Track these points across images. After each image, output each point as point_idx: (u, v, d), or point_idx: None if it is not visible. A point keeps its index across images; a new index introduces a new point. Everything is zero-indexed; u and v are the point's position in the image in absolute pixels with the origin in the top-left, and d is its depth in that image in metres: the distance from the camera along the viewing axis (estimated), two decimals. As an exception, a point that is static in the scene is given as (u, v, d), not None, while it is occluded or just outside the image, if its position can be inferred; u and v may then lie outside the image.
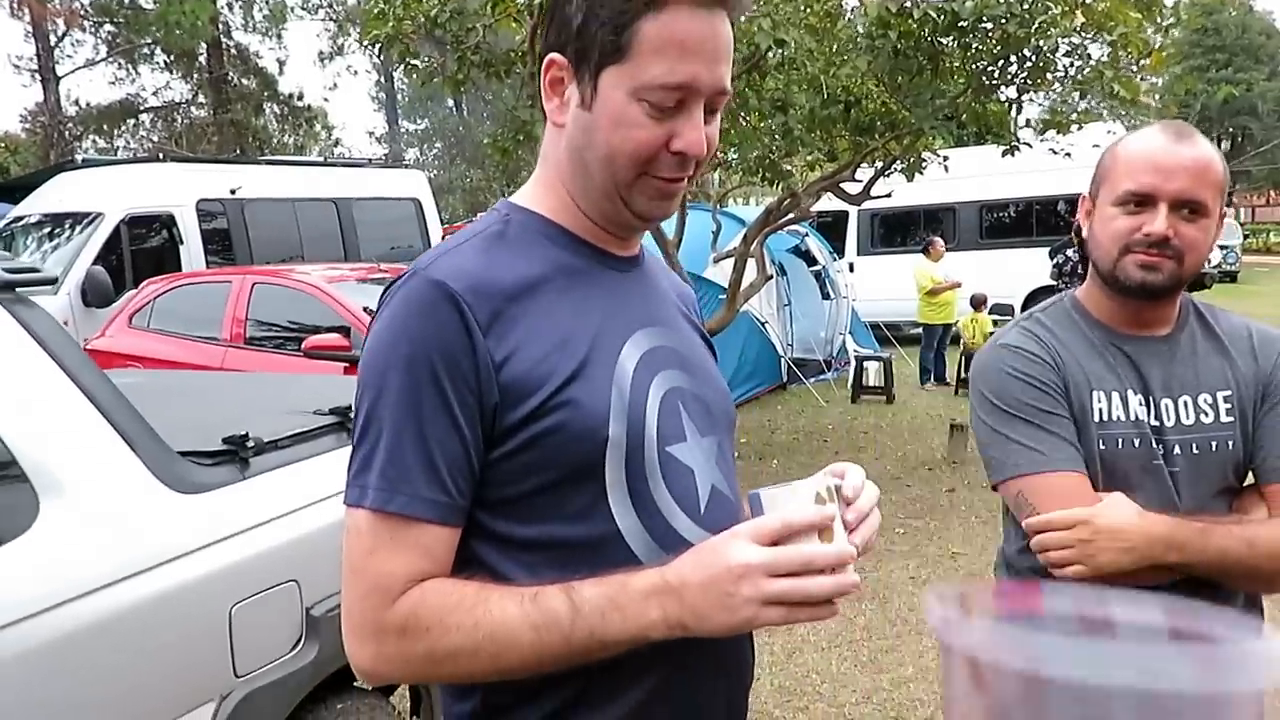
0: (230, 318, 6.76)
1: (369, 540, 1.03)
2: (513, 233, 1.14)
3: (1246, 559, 1.43)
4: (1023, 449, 1.52)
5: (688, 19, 1.04)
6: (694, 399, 1.19)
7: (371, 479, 1.03)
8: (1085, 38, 6.23)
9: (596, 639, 0.99)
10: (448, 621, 1.01)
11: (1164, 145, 1.49)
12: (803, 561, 0.95)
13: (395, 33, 6.70)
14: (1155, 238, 1.47)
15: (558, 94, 1.12)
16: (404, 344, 1.04)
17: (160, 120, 27.36)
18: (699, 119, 1.08)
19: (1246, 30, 42.24)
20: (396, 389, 1.03)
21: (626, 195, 1.11)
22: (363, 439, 1.05)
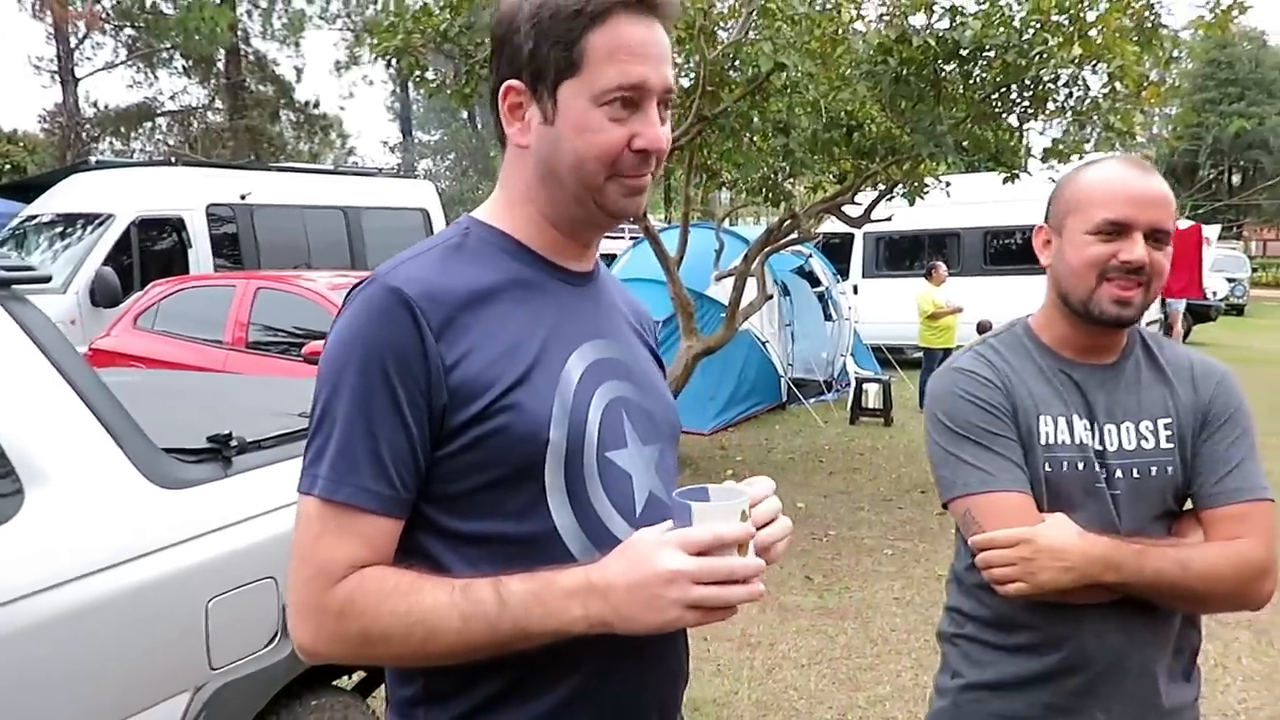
0: (233, 321, 6.85)
1: (316, 526, 1.10)
2: (471, 244, 1.22)
3: (1180, 580, 1.48)
4: (971, 469, 1.57)
5: (629, 26, 1.14)
6: (638, 409, 1.26)
7: (323, 469, 1.10)
8: (1083, 69, 6.29)
9: (520, 630, 1.06)
10: (382, 606, 1.08)
11: (1135, 177, 1.56)
12: (727, 573, 1.04)
13: (405, 45, 6.81)
14: (1134, 264, 1.53)
15: (518, 118, 1.20)
16: (359, 345, 1.11)
17: (176, 124, 27.59)
18: (655, 117, 1.17)
19: (1260, 65, 42.29)
20: (350, 387, 1.10)
21: (599, 197, 1.18)
22: (317, 431, 1.13)
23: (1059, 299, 1.63)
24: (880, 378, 10.66)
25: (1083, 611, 1.53)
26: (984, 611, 1.64)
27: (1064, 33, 5.87)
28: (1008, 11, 6.07)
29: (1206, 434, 1.59)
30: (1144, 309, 1.57)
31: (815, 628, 4.71)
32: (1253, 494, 1.54)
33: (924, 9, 6.31)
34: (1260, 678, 4.18)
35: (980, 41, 5.97)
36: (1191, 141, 42.09)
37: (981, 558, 1.54)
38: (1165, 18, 6.44)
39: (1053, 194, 1.68)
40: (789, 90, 6.25)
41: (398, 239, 12.17)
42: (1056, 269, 1.63)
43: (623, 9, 1.14)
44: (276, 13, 27.11)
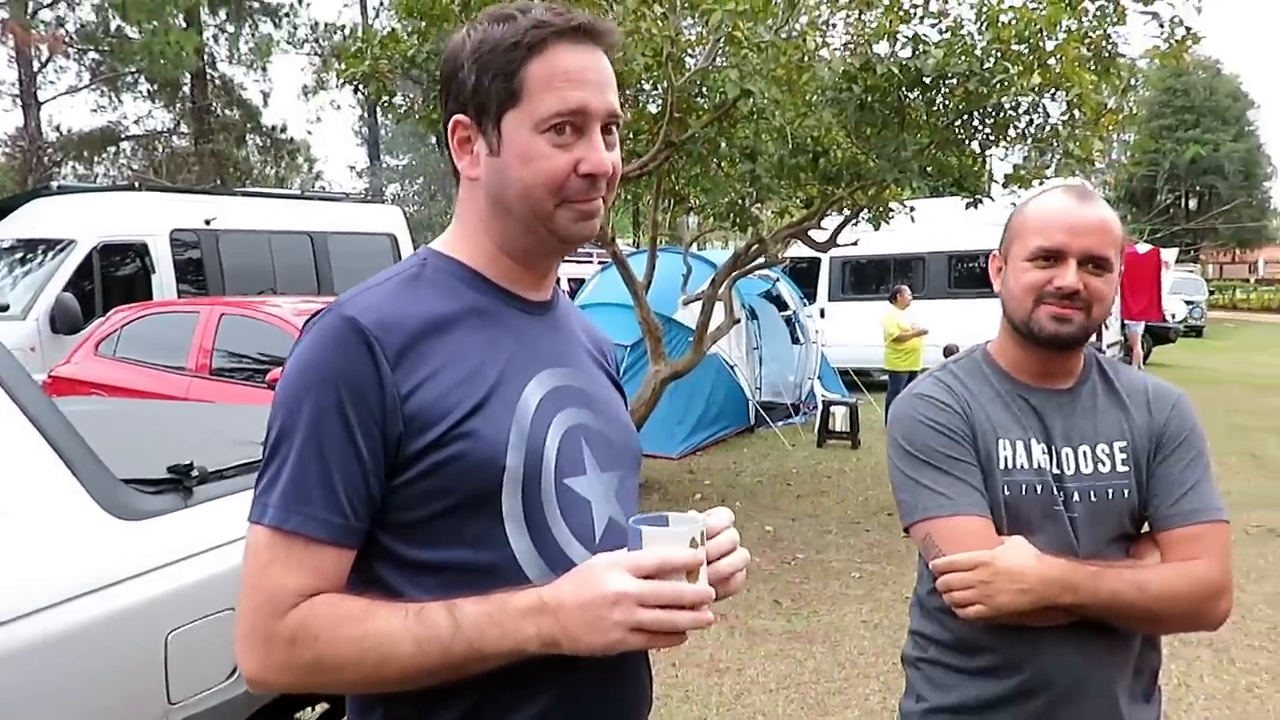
0: (197, 348, 6.78)
1: (266, 555, 1.10)
2: (429, 275, 1.23)
3: (1137, 601, 1.51)
4: (931, 493, 1.59)
5: (567, 54, 1.17)
6: (597, 435, 1.27)
7: (273, 498, 1.10)
8: (1043, 97, 6.40)
9: (475, 652, 1.07)
10: (336, 633, 1.07)
11: (1071, 206, 1.60)
12: (672, 597, 1.05)
13: (372, 71, 6.80)
14: (1067, 290, 1.56)
15: (467, 151, 1.22)
16: (314, 374, 1.11)
17: (141, 148, 27.35)
18: (598, 142, 1.18)
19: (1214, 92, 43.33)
20: (304, 416, 1.10)
21: (550, 223, 1.19)
22: (270, 460, 1.13)
23: (1008, 323, 1.67)
24: (847, 400, 10.73)
25: (1041, 634, 1.54)
26: (946, 635, 1.65)
27: (1024, 61, 5.98)
28: (969, 41, 6.17)
29: (1161, 457, 1.62)
30: (1087, 330, 1.60)
31: (784, 652, 4.70)
32: (1208, 515, 1.57)
33: (888, 38, 6.40)
34: (1222, 696, 4.22)
35: (942, 70, 6.06)
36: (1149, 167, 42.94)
37: (941, 581, 1.55)
38: (1122, 47, 6.58)
39: (1005, 223, 1.72)
40: (755, 117, 6.31)
41: (365, 264, 12.11)
42: (1003, 294, 1.67)
43: (560, 38, 1.17)
44: (243, 37, 27.01)
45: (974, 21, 6.30)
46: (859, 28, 6.68)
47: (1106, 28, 6.44)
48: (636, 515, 1.15)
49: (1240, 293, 40.62)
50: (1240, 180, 43.43)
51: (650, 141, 6.65)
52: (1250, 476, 8.66)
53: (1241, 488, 8.13)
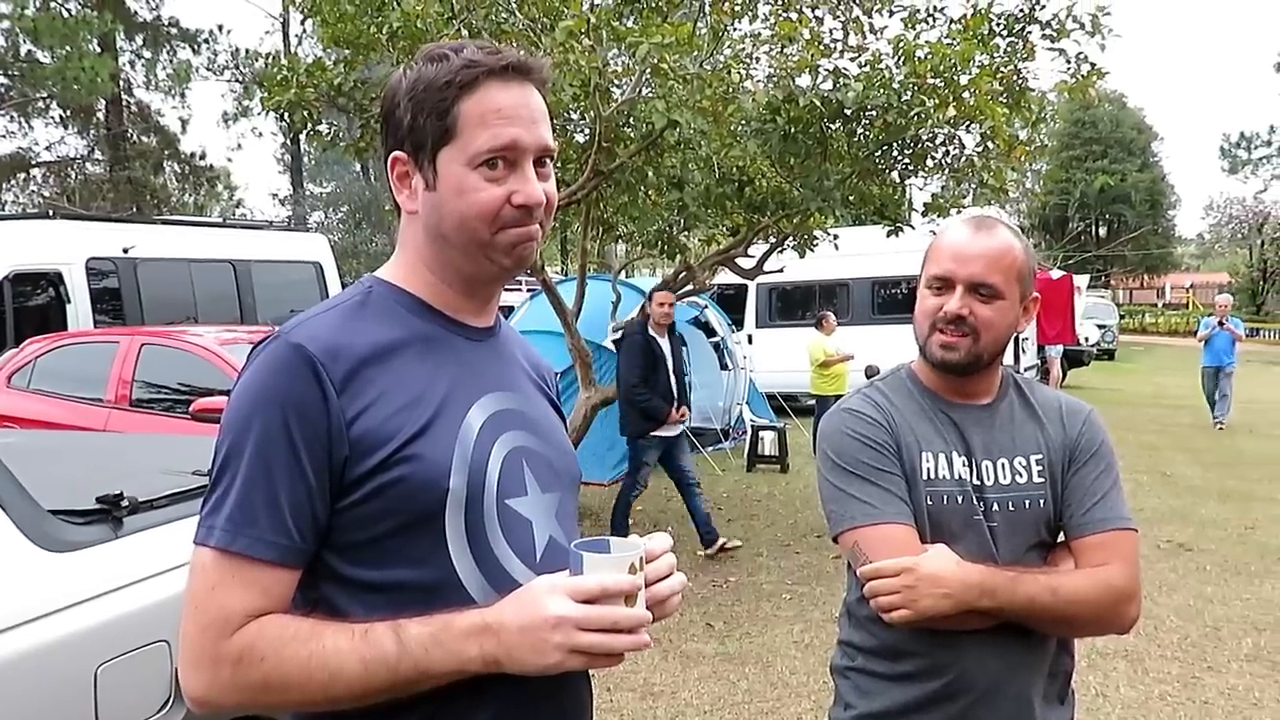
0: (116, 379, 6.61)
1: (212, 576, 1.12)
2: (374, 302, 1.26)
3: (1051, 605, 1.59)
4: (858, 503, 1.66)
5: (498, 92, 1.22)
6: (538, 457, 1.31)
7: (219, 520, 1.12)
8: (958, 129, 6.63)
9: (420, 671, 1.11)
10: (284, 652, 1.10)
11: (965, 236, 1.71)
12: (611, 621, 1.10)
13: (298, 99, 6.75)
14: (950, 315, 1.67)
15: (406, 186, 1.27)
16: (260, 400, 1.14)
17: (53, 175, 26.61)
18: (530, 174, 1.24)
19: (1120, 125, 45.08)
20: (251, 438, 1.13)
21: (489, 252, 1.24)
22: (216, 483, 1.15)
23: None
24: (775, 425, 10.87)
25: (963, 639, 1.62)
26: (873, 642, 1.72)
27: (939, 95, 6.18)
28: (887, 74, 6.36)
29: (1074, 468, 1.71)
30: (976, 356, 1.69)
31: (717, 674, 4.74)
32: (1118, 523, 1.67)
33: (809, 71, 6.57)
34: (1137, 705, 4.38)
35: (862, 102, 6.24)
36: (1061, 196, 44.51)
37: (868, 587, 1.62)
38: (1031, 81, 6.86)
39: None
40: (682, 146, 6.42)
41: (289, 292, 11.96)
42: (914, 319, 1.77)
43: (491, 76, 1.22)
44: (161, 63, 26.52)
45: (892, 56, 6.51)
46: (781, 61, 6.84)
47: (1017, 63, 6.70)
48: (579, 540, 1.18)
49: (1149, 317, 42.18)
50: (1146, 209, 45.21)
51: (579, 170, 6.71)
52: (1160, 493, 8.99)
53: (1153, 504, 8.44)
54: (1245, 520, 7.85)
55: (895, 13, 6.81)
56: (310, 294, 12.25)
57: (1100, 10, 6.55)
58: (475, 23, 6.19)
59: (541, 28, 5.83)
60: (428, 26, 5.90)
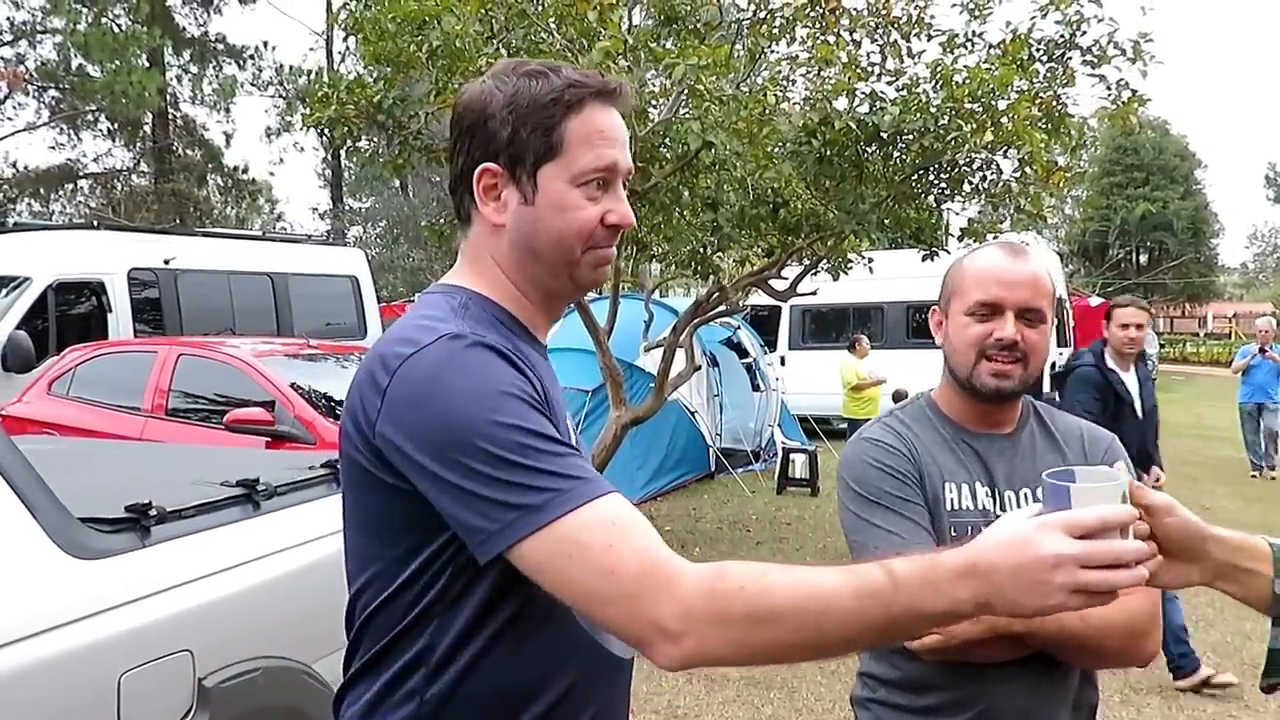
0: (153, 388, 6.70)
1: (603, 531, 1.07)
2: (475, 314, 1.25)
3: (1080, 631, 1.56)
4: (882, 532, 1.65)
5: (600, 114, 1.25)
6: None
7: (564, 484, 1.09)
8: (996, 154, 6.59)
9: (913, 611, 1.03)
10: (766, 580, 1.04)
11: (1006, 262, 1.70)
12: (1114, 556, 1.02)
13: (338, 116, 6.84)
14: (1006, 341, 1.65)
15: (493, 198, 1.26)
16: (493, 389, 1.13)
17: (99, 186, 27.13)
18: (623, 195, 1.27)
19: (1162, 151, 44.53)
20: (525, 417, 1.13)
21: (574, 270, 1.27)
22: (515, 467, 1.09)
23: (950, 375, 1.74)
24: (807, 448, 10.81)
25: (988, 671, 1.59)
26: (895, 674, 1.69)
27: (977, 119, 6.15)
28: (924, 98, 6.35)
29: None
30: (1025, 382, 1.68)
31: (741, 698, 4.70)
32: None
33: (846, 94, 6.57)
34: (1172, 743, 4.27)
35: (899, 126, 6.22)
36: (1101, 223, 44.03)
37: None
38: (1071, 107, 6.80)
39: (945, 278, 1.80)
40: (717, 167, 6.43)
41: (326, 305, 12.09)
42: (945, 347, 1.74)
43: (596, 98, 1.24)
44: (207, 78, 27.00)
45: (929, 80, 6.49)
46: (818, 84, 6.84)
47: (1056, 89, 6.65)
48: (1047, 471, 1.11)
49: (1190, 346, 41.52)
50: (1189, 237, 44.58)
51: (614, 190, 6.73)
52: (1199, 526, 8.81)
53: (1190, 537, 8.28)
54: (1286, 556, 7.67)
55: (933, 37, 6.79)
56: (346, 307, 12.36)
57: (1143, 37, 6.49)
58: (514, 42, 6.24)
59: (579, 48, 5.87)
60: (467, 45, 5.96)
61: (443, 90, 6.40)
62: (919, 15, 6.70)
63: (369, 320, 12.45)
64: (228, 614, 2.27)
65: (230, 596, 2.29)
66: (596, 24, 5.62)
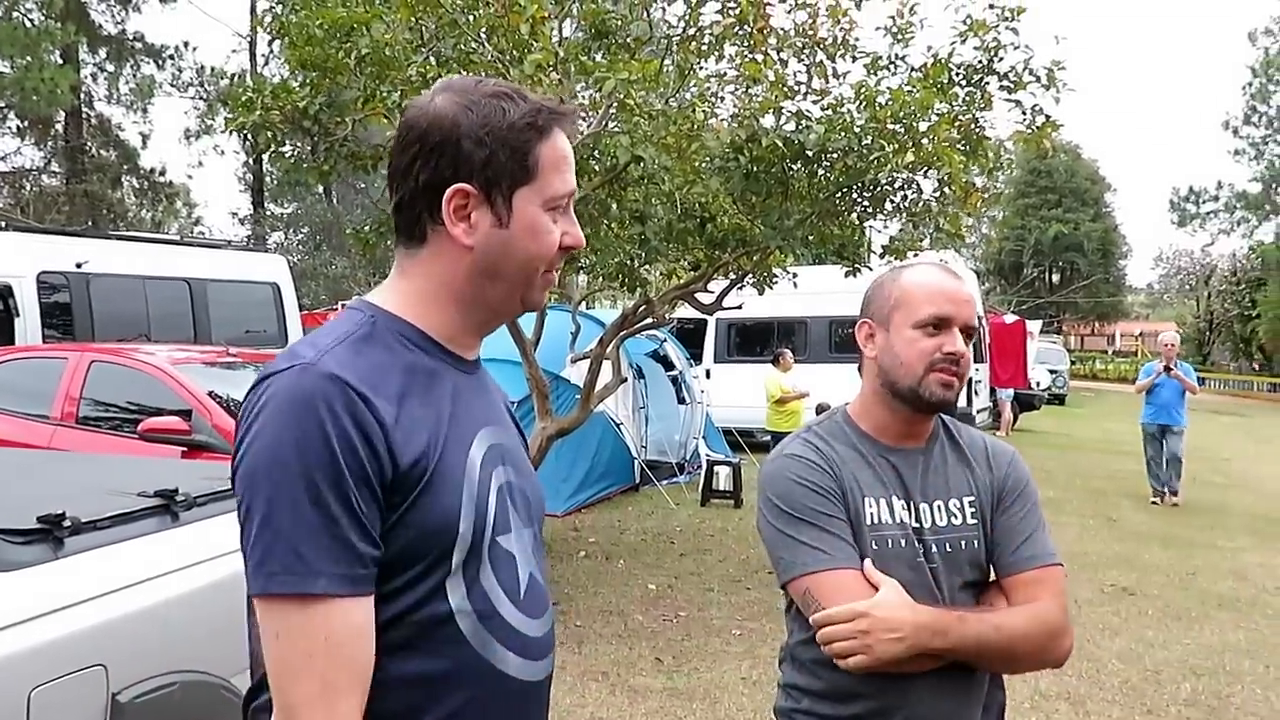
0: (63, 395, 6.49)
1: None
2: (378, 334, 1.24)
3: (997, 642, 1.64)
4: (809, 549, 1.68)
5: (561, 138, 1.28)
6: (519, 492, 1.33)
7: (280, 564, 1.10)
8: (916, 174, 6.77)
9: None
10: None
11: (951, 281, 1.78)
12: None
13: (263, 121, 6.73)
14: (957, 354, 1.73)
15: (462, 219, 1.25)
16: (306, 434, 1.10)
17: (7, 186, 26.18)
18: (574, 218, 1.31)
19: (1074, 175, 46.14)
20: (299, 476, 1.10)
21: (527, 292, 1.29)
22: (266, 526, 1.10)
23: (883, 387, 1.78)
24: (731, 460, 10.91)
25: (911, 679, 1.64)
26: (819, 684, 1.73)
27: (899, 140, 6.31)
28: (849, 118, 6.48)
29: (1003, 509, 1.78)
30: (958, 392, 1.76)
31: (664, 710, 4.73)
32: (1045, 560, 1.74)
33: (773, 112, 6.68)
34: (1079, 748, 4.42)
35: (824, 144, 6.35)
36: (1016, 243, 45.44)
37: (822, 634, 1.64)
38: (988, 130, 7.02)
39: (872, 293, 1.85)
40: (645, 181, 6.48)
41: (246, 313, 11.84)
42: (883, 360, 1.78)
43: (560, 123, 1.27)
44: (124, 77, 26.29)
45: (853, 101, 6.64)
46: (746, 101, 6.95)
47: (974, 112, 6.86)
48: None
49: (1100, 363, 42.97)
50: (1099, 258, 46.24)
51: (542, 201, 6.74)
52: (1105, 538, 9.13)
53: (1098, 548, 8.58)
54: (1187, 566, 7.99)
55: (858, 59, 6.95)
56: (267, 314, 12.11)
57: (1056, 65, 6.74)
58: (444, 52, 6.22)
59: (510, 59, 5.88)
60: (396, 54, 5.92)
61: (371, 98, 6.34)
62: (844, 37, 6.85)
63: (290, 328, 12.21)
64: (144, 627, 2.22)
65: (147, 609, 2.24)
66: (528, 36, 5.64)
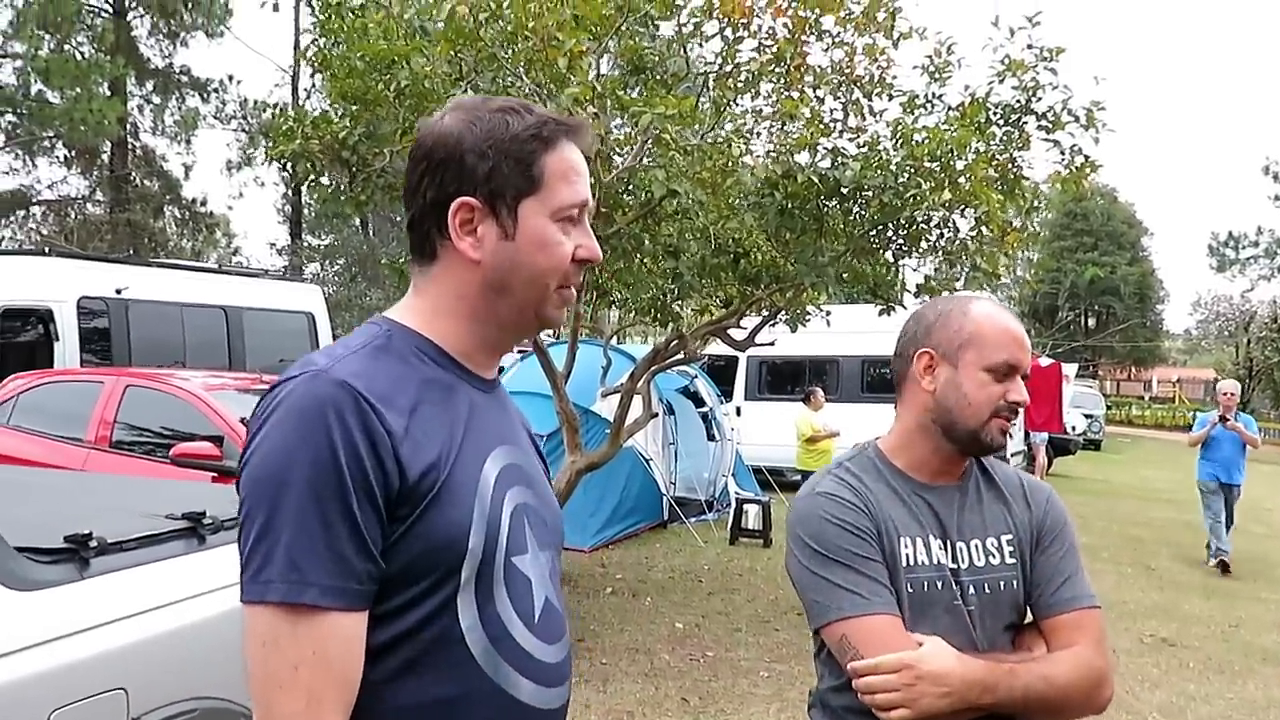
0: (98, 419, 6.54)
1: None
2: (395, 346, 1.23)
3: (1047, 694, 1.57)
4: (845, 592, 1.61)
5: (570, 150, 1.26)
6: (536, 514, 1.30)
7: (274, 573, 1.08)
8: (953, 213, 6.71)
9: None
10: None
11: (1016, 325, 1.72)
12: None
13: (302, 151, 6.81)
14: (1022, 404, 1.69)
15: (468, 233, 1.24)
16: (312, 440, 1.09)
17: (53, 214, 26.71)
18: (589, 230, 1.28)
19: (1110, 218, 45.81)
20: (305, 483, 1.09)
21: (541, 307, 1.26)
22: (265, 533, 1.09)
23: (934, 423, 1.71)
24: (760, 499, 10.79)
25: None
26: None
27: (935, 178, 6.27)
28: (885, 156, 6.46)
29: (1042, 548, 1.72)
30: None
31: (690, 751, 4.64)
32: (1086, 602, 1.68)
33: (808, 148, 6.67)
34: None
35: (859, 182, 6.32)
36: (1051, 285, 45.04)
37: (863, 683, 1.56)
38: (1026, 170, 6.96)
39: (935, 321, 1.74)
40: (680, 216, 6.48)
41: (280, 341, 11.94)
42: (945, 397, 1.69)
43: (567, 135, 1.25)
44: (170, 109, 26.83)
45: (889, 139, 6.61)
46: (781, 138, 6.95)
47: (1012, 151, 6.82)
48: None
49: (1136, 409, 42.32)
50: (1135, 302, 45.70)
51: (576, 234, 6.75)
52: (1144, 587, 8.92)
53: (1137, 597, 8.37)
54: (1229, 618, 7.78)
55: (894, 97, 6.94)
56: (301, 344, 12.21)
57: (1095, 105, 6.69)
58: (482, 85, 6.27)
59: (548, 94, 5.92)
60: (435, 86, 5.98)
61: (409, 130, 6.39)
62: (881, 75, 6.85)
63: (324, 357, 12.29)
64: (167, 651, 2.20)
65: (170, 633, 2.22)
66: (565, 70, 5.67)
